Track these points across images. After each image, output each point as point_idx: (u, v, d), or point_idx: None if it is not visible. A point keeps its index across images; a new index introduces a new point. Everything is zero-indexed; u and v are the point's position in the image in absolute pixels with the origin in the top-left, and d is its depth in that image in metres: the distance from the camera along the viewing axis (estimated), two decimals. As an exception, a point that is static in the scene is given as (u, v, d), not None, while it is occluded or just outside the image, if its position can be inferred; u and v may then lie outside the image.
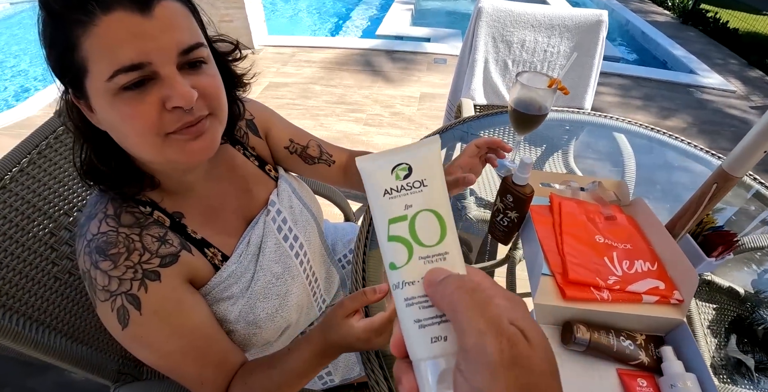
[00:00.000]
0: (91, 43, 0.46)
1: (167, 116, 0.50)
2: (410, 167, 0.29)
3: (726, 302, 1.04)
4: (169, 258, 0.59)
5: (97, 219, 0.57)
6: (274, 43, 3.92)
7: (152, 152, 0.53)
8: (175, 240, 0.61)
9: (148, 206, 0.61)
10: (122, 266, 0.55)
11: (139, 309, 0.55)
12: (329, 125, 2.67)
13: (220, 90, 0.56)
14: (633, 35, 5.28)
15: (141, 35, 0.46)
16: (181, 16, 0.50)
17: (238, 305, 0.67)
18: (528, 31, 1.76)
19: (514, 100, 0.86)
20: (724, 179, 0.66)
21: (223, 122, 0.58)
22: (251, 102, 0.81)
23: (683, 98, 3.45)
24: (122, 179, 0.58)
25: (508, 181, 0.69)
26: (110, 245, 0.55)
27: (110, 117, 0.50)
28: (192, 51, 0.50)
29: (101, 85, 0.47)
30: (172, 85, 0.49)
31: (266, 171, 0.80)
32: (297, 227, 0.79)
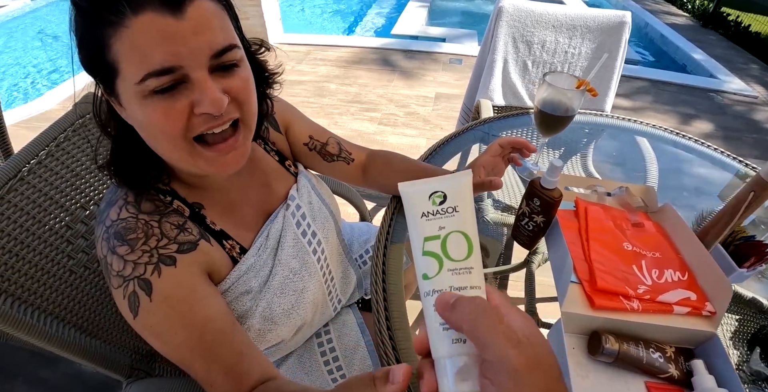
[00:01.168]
0: (122, 44, 0.45)
1: (194, 119, 0.50)
2: (445, 195, 0.35)
3: (749, 313, 1.01)
4: (188, 245, 0.58)
5: (117, 206, 0.57)
6: (290, 41, 3.93)
7: (179, 156, 0.53)
8: (194, 229, 0.60)
9: (168, 196, 0.60)
10: (138, 251, 0.54)
11: (150, 295, 0.53)
12: (344, 124, 2.66)
13: (251, 94, 0.55)
14: (652, 38, 5.20)
15: (172, 37, 0.45)
16: (214, 17, 0.48)
17: (256, 300, 0.66)
18: (549, 32, 1.73)
19: (541, 100, 0.84)
20: (762, 187, 0.63)
21: (252, 128, 0.58)
22: (274, 98, 0.80)
23: (704, 102, 3.38)
24: (141, 172, 0.57)
25: (535, 184, 0.67)
26: (129, 231, 0.55)
27: (139, 118, 0.50)
28: (225, 53, 0.49)
29: (131, 87, 0.47)
30: (202, 90, 0.48)
31: (286, 166, 0.80)
32: (315, 223, 0.78)
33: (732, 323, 1.00)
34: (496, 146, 0.77)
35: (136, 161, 0.57)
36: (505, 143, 0.77)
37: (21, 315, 0.62)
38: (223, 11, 0.50)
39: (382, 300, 0.63)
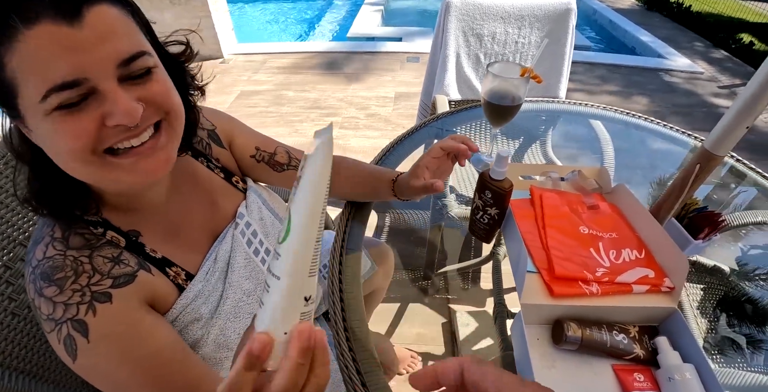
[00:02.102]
0: (18, 61, 0.41)
1: (106, 131, 0.46)
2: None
3: (712, 281, 1.04)
4: (124, 278, 0.54)
5: (44, 243, 0.52)
6: (244, 51, 3.85)
7: (94, 171, 0.48)
8: (131, 260, 0.56)
9: (99, 227, 0.56)
10: (68, 291, 0.50)
11: (87, 336, 0.49)
12: (304, 131, 2.62)
13: (172, 97, 0.51)
14: (601, 24, 5.35)
15: (72, 48, 0.41)
16: (117, 23, 0.45)
17: (207, 327, 0.62)
18: (498, 24, 1.74)
19: (487, 92, 0.83)
20: (707, 159, 0.64)
21: (177, 131, 0.54)
22: (212, 111, 0.76)
23: (654, 82, 3.49)
24: (64, 202, 0.53)
25: (485, 176, 0.66)
26: (56, 270, 0.50)
27: (46, 138, 0.46)
28: (133, 61, 0.46)
29: (34, 106, 0.43)
30: (113, 101, 0.44)
31: (233, 183, 0.76)
32: (269, 239, 0.74)
33: (697, 293, 1.02)
34: (437, 149, 0.74)
35: (57, 190, 0.52)
36: (446, 147, 0.73)
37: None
38: (127, 17, 0.47)
39: (339, 310, 0.60)
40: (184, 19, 3.60)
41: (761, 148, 2.71)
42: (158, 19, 3.61)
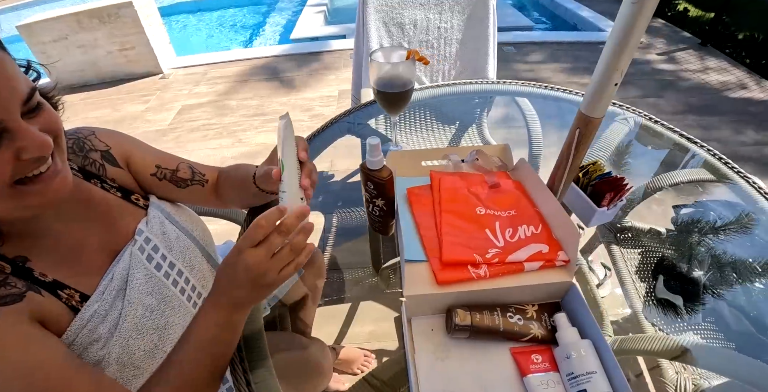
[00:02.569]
0: None
1: (20, 165, 0.47)
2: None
3: (650, 244, 1.04)
4: (11, 298, 0.53)
5: None
6: (184, 64, 3.75)
7: (7, 204, 0.49)
8: (18, 283, 0.54)
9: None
10: None
11: None
12: (248, 140, 2.55)
13: (57, 118, 0.54)
14: (543, 4, 5.41)
15: None
16: (12, 66, 0.47)
17: (108, 347, 0.60)
18: (418, 11, 1.72)
19: (375, 80, 0.80)
20: (585, 123, 0.61)
21: (64, 149, 0.56)
22: (106, 132, 0.74)
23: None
24: None
25: (364, 167, 0.63)
26: None
27: None
28: (31, 98, 0.48)
29: None
30: (25, 137, 0.46)
31: (133, 201, 0.73)
32: (172, 253, 0.72)
33: (635, 257, 1.02)
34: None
35: None
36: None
37: None
38: (11, 59, 0.49)
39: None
40: (116, 37, 3.48)
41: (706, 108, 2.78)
42: (89, 40, 3.48)
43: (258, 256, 0.51)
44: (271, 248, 0.52)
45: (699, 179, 1.06)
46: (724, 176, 0.99)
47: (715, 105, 2.83)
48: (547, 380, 0.52)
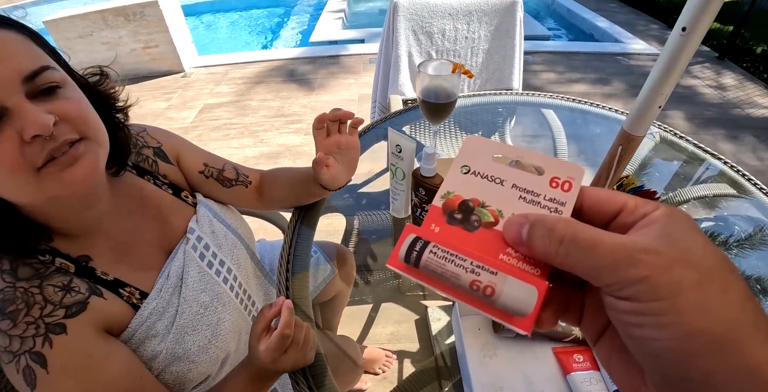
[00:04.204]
0: None
1: (29, 148, 0.46)
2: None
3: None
4: (76, 307, 0.55)
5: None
6: (206, 63, 3.82)
7: (28, 191, 0.49)
8: (82, 287, 0.56)
9: (47, 255, 0.56)
10: (22, 324, 0.50)
11: (45, 367, 0.50)
12: (269, 140, 2.61)
13: (85, 111, 0.52)
14: (560, 13, 5.45)
15: None
16: (15, 44, 0.46)
17: (164, 342, 0.63)
18: (447, 20, 1.76)
19: (422, 90, 0.84)
20: (627, 140, 0.65)
21: (103, 145, 0.54)
22: (155, 130, 0.77)
23: (612, 66, 3.57)
24: (10, 238, 0.53)
25: (417, 174, 0.67)
26: (7, 303, 0.51)
27: None
28: (38, 76, 0.47)
29: None
30: (23, 115, 0.45)
31: (183, 198, 0.76)
32: (222, 251, 0.75)
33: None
34: (315, 132, 0.74)
35: (3, 225, 0.53)
36: (316, 124, 0.74)
37: None
38: (26, 39, 0.49)
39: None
40: (140, 35, 3.55)
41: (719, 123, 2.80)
42: (114, 37, 3.56)
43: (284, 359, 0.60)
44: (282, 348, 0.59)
45: (721, 193, 1.09)
46: (745, 190, 1.02)
47: (732, 119, 2.85)
48: (589, 377, 0.56)
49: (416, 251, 0.22)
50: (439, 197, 0.25)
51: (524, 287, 0.21)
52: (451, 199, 0.24)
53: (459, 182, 0.24)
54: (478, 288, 0.21)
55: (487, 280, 0.21)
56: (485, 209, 0.24)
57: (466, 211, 0.24)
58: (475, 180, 0.24)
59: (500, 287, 0.21)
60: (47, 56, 0.50)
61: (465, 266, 0.22)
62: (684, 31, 0.54)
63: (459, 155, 0.25)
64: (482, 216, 0.24)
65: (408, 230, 0.23)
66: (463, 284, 0.21)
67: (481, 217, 0.24)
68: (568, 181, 0.22)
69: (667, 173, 1.20)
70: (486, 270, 0.21)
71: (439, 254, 0.22)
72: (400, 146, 0.70)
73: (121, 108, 0.65)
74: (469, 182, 0.24)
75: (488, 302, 0.21)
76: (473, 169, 0.24)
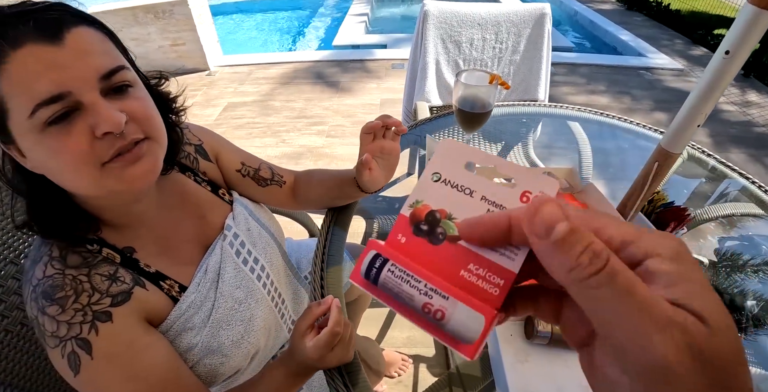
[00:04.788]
0: (6, 81, 0.44)
1: (99, 144, 0.48)
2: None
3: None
4: (121, 296, 0.57)
5: (42, 263, 0.55)
6: (230, 62, 3.88)
7: (90, 184, 0.51)
8: (126, 277, 0.59)
9: (95, 244, 0.58)
10: (70, 310, 0.52)
11: (90, 353, 0.52)
12: (291, 141, 2.65)
13: (151, 112, 0.54)
14: (582, 25, 5.44)
15: (55, 65, 0.45)
16: (95, 41, 0.49)
17: (200, 335, 0.65)
18: (475, 30, 1.78)
19: (458, 99, 0.86)
20: (664, 157, 0.67)
21: (162, 146, 0.57)
22: (197, 127, 0.79)
23: (635, 80, 3.55)
24: (64, 224, 0.55)
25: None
26: (57, 289, 0.53)
27: (41, 156, 0.49)
28: (113, 75, 0.49)
29: (25, 124, 0.46)
30: (97, 112, 0.47)
31: (220, 195, 0.79)
32: (256, 249, 0.77)
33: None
34: (363, 136, 0.76)
35: (56, 215, 0.55)
36: (367, 129, 0.75)
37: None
38: (104, 37, 0.51)
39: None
40: (169, 33, 3.63)
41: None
42: (143, 34, 3.64)
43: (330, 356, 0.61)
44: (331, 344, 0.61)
45: (749, 212, 1.09)
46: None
47: (757, 138, 2.82)
48: (619, 389, 0.57)
49: (375, 268, 0.23)
50: (408, 205, 0.24)
51: (472, 314, 0.21)
52: (419, 209, 0.24)
53: (429, 191, 0.24)
54: (429, 311, 0.21)
55: (439, 304, 0.21)
56: (451, 222, 0.23)
57: (433, 223, 0.23)
58: (445, 189, 0.24)
59: (450, 311, 0.21)
60: (122, 56, 0.53)
61: (419, 288, 0.22)
62: (727, 54, 0.55)
63: (432, 160, 0.24)
64: (448, 229, 0.23)
65: (370, 246, 0.23)
66: (416, 306, 0.22)
67: (446, 230, 0.23)
68: (537, 197, 0.21)
69: (687, 189, 1.21)
70: (438, 294, 0.21)
71: (396, 273, 0.22)
72: None
73: (178, 110, 0.67)
74: (439, 191, 0.24)
75: (438, 325, 0.21)
76: (444, 177, 0.24)
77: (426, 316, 0.22)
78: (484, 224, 0.22)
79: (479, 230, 0.22)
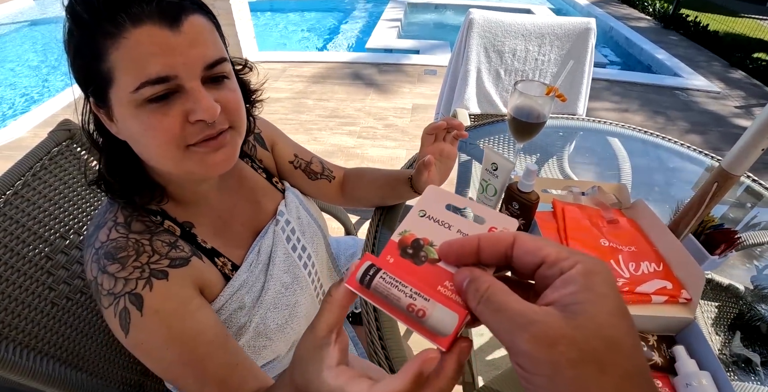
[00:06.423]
0: (120, 54, 0.47)
1: (189, 128, 0.51)
2: None
3: (727, 299, 1.05)
4: (180, 261, 0.59)
5: (107, 227, 0.57)
6: (265, 59, 3.95)
7: (172, 163, 0.54)
8: (185, 247, 0.61)
9: (158, 216, 0.61)
10: (130, 267, 0.54)
11: (141, 309, 0.53)
12: (323, 139, 2.68)
13: (241, 105, 0.57)
14: (617, 41, 5.39)
15: (169, 49, 0.47)
16: (207, 31, 0.51)
17: (250, 315, 0.67)
18: (519, 41, 1.79)
19: (514, 108, 0.87)
20: (724, 178, 0.67)
21: (242, 136, 0.59)
22: (257, 118, 0.82)
23: (669, 100, 3.51)
24: (133, 188, 0.58)
25: (513, 188, 0.70)
26: (120, 250, 0.55)
27: (132, 128, 0.51)
28: (216, 66, 0.51)
29: (126, 96, 0.48)
30: (197, 99, 0.50)
31: (273, 183, 0.81)
32: (305, 237, 0.79)
33: (712, 310, 1.04)
34: (425, 137, 0.77)
35: (128, 176, 0.58)
36: (430, 130, 0.76)
37: (2, 351, 0.59)
38: (213, 27, 0.53)
39: (372, 310, 0.64)
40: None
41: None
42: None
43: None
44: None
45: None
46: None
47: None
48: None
49: (369, 275, 0.27)
50: (397, 233, 0.29)
51: (448, 313, 0.26)
52: (407, 236, 0.29)
53: (415, 223, 0.29)
54: (412, 310, 0.26)
55: (421, 305, 0.26)
56: (432, 248, 0.28)
57: (417, 248, 0.28)
58: (428, 223, 0.29)
59: (430, 311, 0.26)
60: (224, 47, 0.55)
61: (405, 291, 0.26)
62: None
63: (419, 201, 0.29)
64: (429, 253, 0.28)
65: (366, 258, 0.28)
66: (401, 306, 0.26)
67: (428, 254, 0.28)
68: (502, 231, 0.26)
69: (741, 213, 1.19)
70: (421, 297, 0.26)
71: (387, 279, 0.27)
72: (496, 164, 0.73)
73: (256, 100, 0.70)
74: (423, 224, 0.29)
75: (419, 322, 0.26)
76: (428, 213, 0.29)
77: (410, 314, 0.26)
78: (459, 244, 0.27)
79: (455, 248, 0.27)
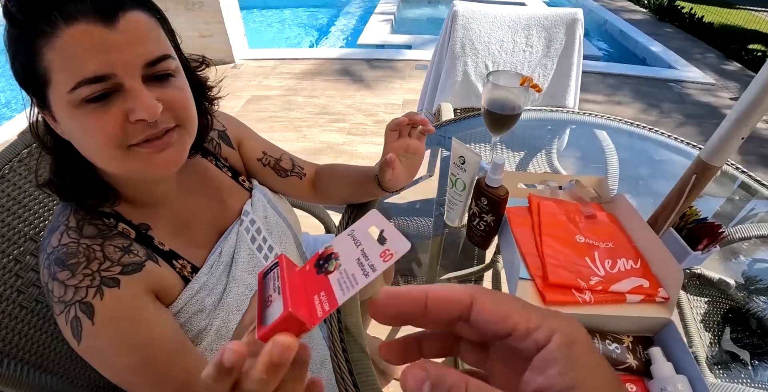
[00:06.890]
0: (54, 53, 0.45)
1: (130, 128, 0.49)
2: None
3: (717, 295, 1.02)
4: (132, 267, 0.57)
5: (59, 232, 0.55)
6: (255, 56, 3.91)
7: (114, 164, 0.52)
8: (140, 251, 0.59)
9: (112, 219, 0.59)
10: (80, 275, 0.52)
11: (92, 318, 0.51)
12: (312, 136, 2.65)
13: (188, 102, 0.55)
14: (612, 34, 5.35)
15: (105, 47, 0.45)
16: (147, 28, 0.49)
17: (210, 318, 0.64)
18: (505, 32, 1.75)
19: (487, 100, 0.84)
20: (703, 169, 0.64)
21: (192, 134, 0.58)
22: (222, 114, 0.80)
23: (664, 92, 3.47)
24: (83, 190, 0.56)
25: (481, 183, 0.67)
26: (70, 256, 0.53)
27: (72, 128, 0.50)
28: (158, 63, 0.50)
29: (63, 96, 0.47)
30: (136, 98, 0.48)
31: (240, 182, 0.79)
32: (272, 237, 0.77)
33: (702, 306, 1.01)
34: (389, 133, 0.74)
35: (79, 180, 0.56)
36: (393, 126, 0.73)
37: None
38: (157, 24, 0.51)
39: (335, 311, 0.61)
40: (198, 24, 3.67)
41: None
42: (173, 24, 3.67)
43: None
44: None
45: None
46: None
47: (788, 158, 2.73)
48: (642, 409, 0.54)
49: (269, 268, 0.33)
50: (324, 246, 0.32)
51: (279, 309, 0.28)
52: (328, 249, 0.32)
53: (341, 240, 0.32)
54: (268, 298, 0.31)
55: (275, 296, 0.30)
56: (334, 262, 0.31)
57: (327, 260, 0.31)
58: (349, 241, 0.31)
59: (275, 303, 0.29)
60: (169, 43, 0.53)
61: (276, 285, 0.31)
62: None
63: (358, 222, 0.31)
64: (329, 266, 0.31)
65: (279, 258, 0.33)
66: (267, 293, 0.31)
67: (329, 266, 0.31)
68: (391, 254, 0.28)
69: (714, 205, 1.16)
70: (277, 292, 0.30)
71: (275, 274, 0.32)
72: (464, 157, 0.70)
73: (212, 98, 0.67)
74: (345, 241, 0.31)
75: (264, 307, 0.30)
76: (355, 233, 0.31)
77: (265, 301, 0.31)
78: (401, 300, 0.23)
79: (395, 305, 0.24)
